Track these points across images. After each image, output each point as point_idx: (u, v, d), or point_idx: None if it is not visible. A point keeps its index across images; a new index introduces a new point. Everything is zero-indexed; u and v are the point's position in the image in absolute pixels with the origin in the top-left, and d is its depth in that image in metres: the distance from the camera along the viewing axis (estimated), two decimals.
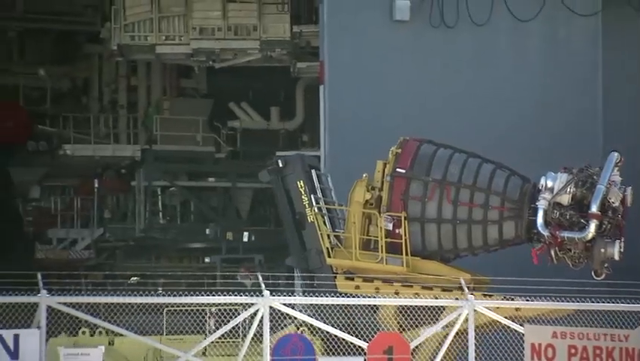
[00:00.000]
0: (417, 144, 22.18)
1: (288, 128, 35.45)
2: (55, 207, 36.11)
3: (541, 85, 28.19)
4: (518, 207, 21.51)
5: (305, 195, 21.94)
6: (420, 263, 21.76)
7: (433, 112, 27.75)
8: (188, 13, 30.15)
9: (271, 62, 31.40)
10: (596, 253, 21.10)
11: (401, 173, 21.65)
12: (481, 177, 21.70)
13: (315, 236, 21.97)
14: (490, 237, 21.71)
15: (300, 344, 20.78)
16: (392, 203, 21.55)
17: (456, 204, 21.56)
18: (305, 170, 22.24)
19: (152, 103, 36.44)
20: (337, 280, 21.72)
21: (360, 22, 27.49)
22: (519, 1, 27.77)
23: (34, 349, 19.19)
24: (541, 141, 27.33)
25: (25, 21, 35.95)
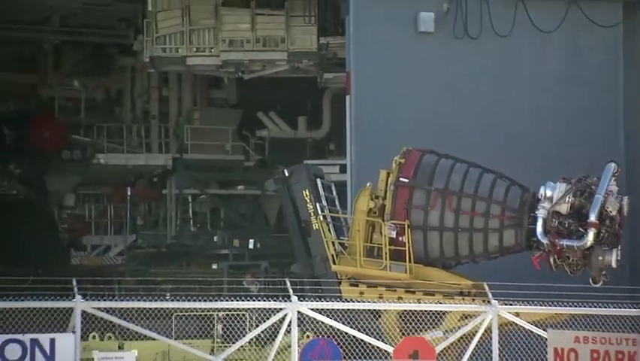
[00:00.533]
0: (419, 154, 22.34)
1: (315, 137, 35.44)
2: (90, 214, 36.22)
3: (562, 94, 28.06)
4: (518, 215, 21.62)
5: (310, 204, 22.00)
6: (422, 270, 21.87)
7: (456, 122, 27.70)
8: (218, 25, 30.20)
9: (298, 72, 31.40)
10: (594, 261, 21.17)
11: (404, 182, 21.75)
12: (482, 186, 21.85)
13: (320, 243, 22.02)
14: (491, 244, 21.81)
15: (328, 348, 20.75)
16: (395, 211, 21.71)
17: (458, 213, 21.69)
18: (310, 179, 22.31)
19: (183, 113, 36.50)
20: (342, 286, 21.77)
21: (385, 33, 27.46)
22: (541, 13, 27.68)
23: (69, 352, 19.28)
24: (563, 150, 27.20)
25: (60, 34, 36.09)
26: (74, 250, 36.17)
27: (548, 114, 27.87)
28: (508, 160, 26.62)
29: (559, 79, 28.11)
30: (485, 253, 21.99)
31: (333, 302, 21.60)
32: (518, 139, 27.60)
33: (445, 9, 27.50)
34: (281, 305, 20.86)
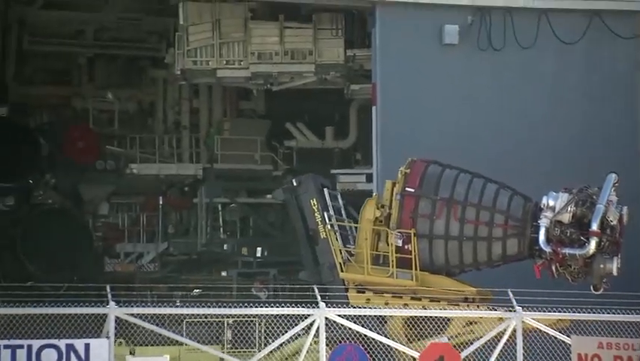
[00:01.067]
0: (424, 164, 22.45)
1: (341, 147, 35.41)
2: (123, 223, 36.34)
3: (584, 104, 27.95)
4: (521, 224, 21.64)
5: (318, 213, 22.05)
6: (428, 277, 21.90)
7: (479, 132, 27.66)
8: (248, 39, 30.24)
9: (326, 84, 31.39)
10: (596, 269, 21.20)
11: (410, 192, 21.78)
12: (485, 196, 21.89)
13: (327, 251, 22.02)
14: (495, 253, 21.82)
15: (355, 353, 20.71)
16: (402, 220, 21.75)
17: (462, 222, 21.72)
18: (317, 189, 22.34)
19: (213, 124, 36.57)
20: (349, 294, 21.72)
21: (410, 46, 27.45)
22: (564, 24, 27.60)
23: (103, 358, 19.33)
24: (583, 159, 27.08)
25: (94, 47, 36.25)
26: (108, 257, 36.29)
27: (569, 125, 27.76)
28: (530, 170, 26.58)
29: (580, 90, 27.99)
30: (489, 261, 22.01)
31: (360, 308, 21.59)
32: (540, 149, 27.52)
33: (469, 21, 27.47)
34: (309, 312, 20.85)
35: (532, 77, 27.83)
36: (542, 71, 27.83)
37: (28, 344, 19.07)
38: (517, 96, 27.88)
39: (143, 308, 20.40)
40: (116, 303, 19.91)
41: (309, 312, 20.83)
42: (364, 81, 30.05)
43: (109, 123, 36.78)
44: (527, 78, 27.82)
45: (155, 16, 35.00)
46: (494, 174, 24.85)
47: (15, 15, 34.79)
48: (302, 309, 20.95)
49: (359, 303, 21.50)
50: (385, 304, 21.42)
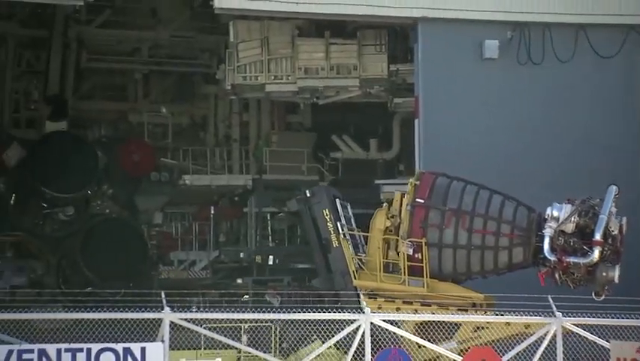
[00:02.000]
0: (433, 176, 22.59)
1: (385, 158, 35.32)
2: (176, 231, 36.47)
3: (622, 117, 27.71)
4: (527, 234, 21.74)
5: (330, 223, 22.06)
6: (437, 285, 21.95)
7: (518, 143, 27.56)
8: (295, 55, 30.29)
9: (370, 97, 31.36)
10: (599, 277, 21.30)
11: (420, 203, 21.82)
12: (492, 206, 21.99)
13: (339, 259, 22.03)
14: (501, 261, 21.90)
15: (399, 357, 20.61)
16: (412, 230, 21.83)
17: (470, 232, 21.83)
18: (330, 200, 22.35)
19: (262, 137, 36.63)
20: (362, 300, 21.76)
21: (452, 60, 27.39)
22: (601, 39, 27.39)
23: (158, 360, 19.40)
24: (621, 170, 26.80)
25: (149, 64, 36.46)
26: (162, 264, 36.43)
27: (606, 137, 27.53)
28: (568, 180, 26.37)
29: (618, 102, 27.74)
30: (495, 269, 22.13)
31: (405, 314, 21.52)
32: (578, 160, 27.29)
33: (508, 36, 27.37)
34: (355, 317, 20.80)
35: (570, 90, 27.65)
36: (580, 84, 27.63)
37: (88, 348, 19.19)
38: (555, 109, 27.71)
39: (197, 313, 20.48)
40: (170, 308, 19.98)
41: (355, 317, 20.80)
42: (407, 95, 29.97)
43: (163, 137, 36.96)
44: (565, 91, 27.65)
45: (207, 34, 35.15)
46: (531, 184, 24.82)
47: (74, 34, 35.10)
48: (348, 314, 20.93)
49: (371, 308, 21.43)
50: (397, 309, 21.43)
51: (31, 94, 36.10)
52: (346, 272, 21.96)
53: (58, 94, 35.18)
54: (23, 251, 33.94)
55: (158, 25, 35.51)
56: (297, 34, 30.35)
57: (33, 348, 18.98)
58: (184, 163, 35.80)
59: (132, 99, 37.50)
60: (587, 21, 27.48)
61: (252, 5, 26.92)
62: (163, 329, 19.72)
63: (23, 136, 34.61)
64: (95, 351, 19.11)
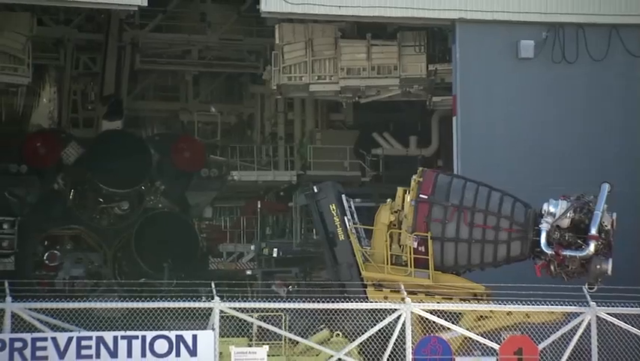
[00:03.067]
0: (434, 173, 22.59)
1: (424, 155, 35.19)
2: (225, 225, 36.67)
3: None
4: (524, 229, 21.75)
5: (336, 217, 22.09)
6: (441, 276, 21.94)
7: (553, 140, 27.31)
8: (337, 56, 30.25)
9: (409, 96, 31.23)
10: (593, 269, 21.32)
11: (424, 198, 21.87)
12: (491, 202, 21.97)
13: (345, 252, 22.07)
14: (500, 254, 21.94)
15: (439, 345, 20.50)
16: (417, 224, 21.81)
17: (472, 226, 21.83)
18: (336, 195, 22.34)
19: (306, 134, 36.64)
20: (368, 291, 21.71)
21: (488, 60, 27.21)
22: (633, 38, 27.09)
23: (209, 348, 19.45)
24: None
25: (199, 66, 36.62)
26: (212, 256, 36.59)
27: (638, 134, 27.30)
28: (601, 175, 26.10)
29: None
30: (494, 262, 22.17)
31: (444, 304, 21.42)
32: (611, 155, 27.01)
33: (543, 36, 27.15)
34: (396, 306, 20.74)
35: (603, 88, 27.35)
36: (613, 82, 27.32)
37: (142, 335, 19.27)
38: (589, 106, 27.43)
39: (245, 303, 20.50)
40: (219, 298, 20.04)
41: (396, 306, 20.73)
42: (445, 93, 29.83)
43: (212, 134, 37.11)
44: (599, 89, 27.36)
45: (254, 37, 35.21)
46: (564, 180, 24.63)
47: (128, 38, 35.32)
48: (389, 304, 20.86)
49: (378, 298, 21.58)
50: (402, 300, 21.46)
51: (88, 95, 36.40)
52: (352, 264, 22.06)
53: (113, 95, 35.41)
54: (82, 244, 34.25)
55: (208, 28, 35.63)
56: (340, 36, 30.30)
57: (91, 335, 19.10)
58: (232, 160, 35.92)
59: (183, 99, 37.69)
60: (620, 21, 27.18)
61: (297, 9, 26.89)
62: (213, 317, 19.77)
63: (81, 135, 34.89)
64: (149, 338, 19.19)
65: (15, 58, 29.08)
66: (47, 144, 33.41)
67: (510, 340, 20.50)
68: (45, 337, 18.89)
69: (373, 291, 21.63)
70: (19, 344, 18.65)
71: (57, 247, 33.61)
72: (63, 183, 33.68)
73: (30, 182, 33.02)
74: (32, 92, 34.98)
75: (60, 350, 18.80)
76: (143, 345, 19.15)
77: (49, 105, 35.71)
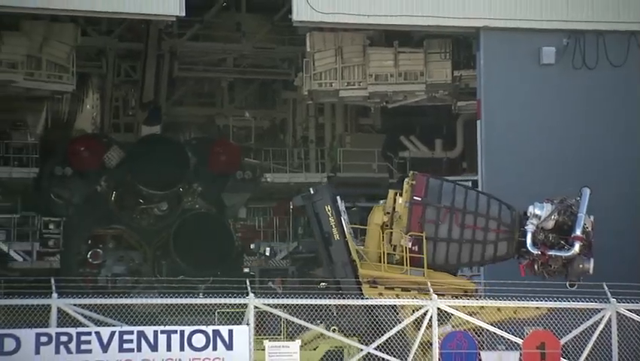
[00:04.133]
0: (425, 177, 22.72)
1: (450, 157, 35.09)
2: (259, 224, 36.64)
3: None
4: (511, 230, 21.93)
5: (332, 218, 22.12)
6: (434, 274, 22.03)
7: (573, 142, 27.14)
8: (366, 62, 30.24)
9: (435, 101, 31.17)
10: (576, 268, 21.53)
11: (418, 200, 21.94)
12: (480, 205, 22.17)
13: (340, 251, 22.08)
14: (487, 254, 22.13)
15: (464, 340, 20.41)
16: (411, 225, 21.92)
17: (463, 227, 21.99)
18: (331, 197, 22.40)
19: (336, 138, 36.62)
20: (363, 288, 21.77)
21: (511, 66, 27.11)
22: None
23: (244, 342, 19.49)
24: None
25: (234, 73, 36.71)
26: (246, 255, 36.62)
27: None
28: (618, 178, 25.95)
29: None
30: (481, 261, 22.44)
31: (469, 300, 21.35)
32: (632, 161, 26.85)
33: (564, 43, 27.03)
34: (423, 302, 20.67)
35: (622, 92, 27.17)
36: (632, 86, 27.13)
37: (181, 330, 19.33)
38: (608, 110, 27.25)
39: (278, 299, 20.51)
40: (254, 295, 20.07)
41: (422, 303, 20.66)
42: (470, 98, 29.74)
43: (246, 138, 37.16)
44: (618, 94, 27.18)
45: (286, 45, 35.26)
46: (583, 181, 24.47)
47: (167, 46, 35.47)
48: (417, 300, 20.81)
49: (372, 296, 21.64)
50: (396, 296, 21.47)
51: (128, 101, 36.59)
52: (346, 263, 22.16)
53: (152, 101, 35.58)
54: (123, 243, 34.41)
55: (243, 37, 35.71)
56: (368, 43, 30.29)
57: (133, 330, 19.18)
58: (265, 162, 35.94)
59: (219, 105, 37.78)
60: (638, 28, 26.99)
61: (327, 18, 26.91)
62: (248, 313, 19.81)
63: (122, 139, 35.07)
64: (187, 333, 19.24)
65: (60, 67, 29.34)
66: (90, 148, 33.60)
67: (533, 335, 20.38)
68: (89, 331, 19.00)
69: (368, 288, 21.77)
70: (64, 338, 18.77)
71: (100, 245, 33.78)
72: (105, 185, 33.85)
73: (74, 184, 33.22)
74: (76, 98, 35.19)
75: (103, 343, 18.91)
76: (181, 339, 19.20)
77: (92, 111, 35.93)
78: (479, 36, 27.32)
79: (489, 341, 21.22)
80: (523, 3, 27.00)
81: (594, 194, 22.00)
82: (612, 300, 20.58)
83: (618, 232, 25.43)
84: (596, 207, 21.75)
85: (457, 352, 20.15)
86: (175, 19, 26.99)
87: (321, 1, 26.53)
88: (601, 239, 22.00)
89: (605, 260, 22.05)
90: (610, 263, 22.74)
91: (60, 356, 18.68)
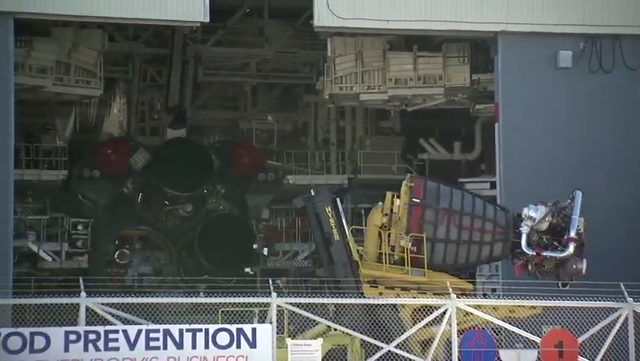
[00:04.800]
0: (423, 180, 23.06)
1: (468, 159, 34.95)
2: (281, 225, 36.64)
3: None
4: (506, 231, 22.13)
5: (332, 218, 22.17)
6: (433, 274, 22.15)
7: (591, 145, 27.02)
8: (386, 67, 30.19)
9: (454, 104, 31.07)
10: (569, 269, 21.68)
11: (417, 202, 21.95)
12: (477, 207, 22.35)
13: (340, 251, 22.10)
14: (483, 254, 22.30)
15: (483, 339, 20.36)
16: (410, 226, 22.01)
17: (460, 228, 22.13)
18: (331, 198, 22.43)
19: (357, 140, 36.58)
20: (364, 287, 21.86)
21: (529, 70, 27.00)
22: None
23: (267, 340, 19.51)
24: None
25: (257, 77, 36.70)
26: (268, 254, 36.60)
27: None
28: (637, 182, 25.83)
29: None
30: (477, 261, 22.68)
31: (487, 299, 21.30)
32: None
33: (581, 47, 26.90)
34: (442, 302, 20.63)
35: (638, 94, 27.00)
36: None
37: (206, 328, 19.39)
38: (625, 112, 27.10)
39: (300, 298, 20.52)
40: (276, 294, 20.07)
41: (442, 302, 20.63)
42: (488, 101, 29.63)
43: (269, 141, 37.17)
44: (635, 96, 27.02)
45: (308, 50, 35.25)
46: (600, 183, 24.39)
47: (192, 52, 35.54)
48: (435, 299, 20.78)
49: (373, 295, 21.70)
50: (396, 295, 21.49)
51: (154, 105, 36.69)
52: (346, 263, 22.18)
53: (177, 105, 35.68)
54: (149, 243, 34.53)
55: (265, 43, 35.73)
56: (388, 48, 30.24)
57: (159, 328, 19.26)
58: (288, 164, 35.94)
59: (242, 108, 37.78)
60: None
61: (348, 23, 26.92)
62: (271, 311, 19.81)
63: (148, 143, 35.18)
64: (212, 331, 19.31)
65: (88, 72, 29.46)
66: (117, 151, 33.73)
67: (551, 333, 20.31)
68: (116, 329, 19.08)
69: (369, 288, 21.78)
70: (92, 336, 18.86)
71: (127, 246, 33.90)
72: (132, 187, 33.97)
73: (102, 186, 33.35)
74: (104, 103, 35.34)
75: (130, 341, 18.98)
76: (206, 337, 19.26)
77: (119, 115, 36.07)
78: (497, 40, 27.22)
79: (507, 339, 21.15)
80: (540, 8, 26.89)
81: (614, 195, 21.94)
82: (629, 299, 20.46)
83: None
84: (617, 208, 21.59)
85: (476, 350, 20.09)
86: (199, 25, 27.07)
87: (341, 7, 26.52)
88: (612, 240, 21.92)
89: (611, 261, 22.04)
90: (613, 264, 22.70)
91: (88, 353, 18.76)
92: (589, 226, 21.80)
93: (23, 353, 18.42)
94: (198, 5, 25.80)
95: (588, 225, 21.82)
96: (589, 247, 21.73)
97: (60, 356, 18.59)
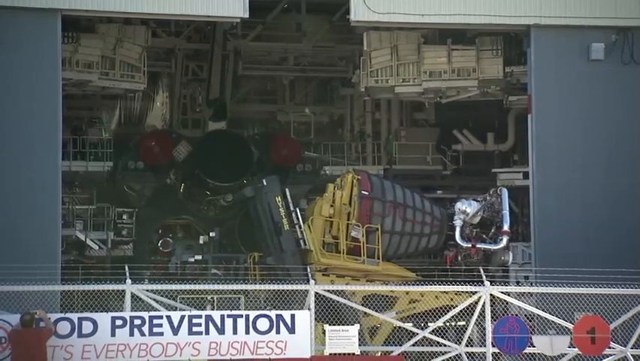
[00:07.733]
0: (366, 174, 23.84)
1: (501, 150, 34.71)
2: None
3: None
4: (442, 224, 23.09)
5: (282, 208, 22.15)
6: (382, 264, 22.78)
7: (622, 138, 26.76)
8: (420, 60, 30.07)
9: (487, 96, 30.89)
10: (497, 259, 22.67)
11: (366, 195, 22.12)
12: (417, 200, 23.18)
13: (289, 241, 22.11)
14: (421, 245, 23.18)
15: (516, 324, 20.26)
16: (360, 217, 22.47)
17: (404, 220, 22.91)
18: (281, 189, 22.42)
19: (392, 132, 36.48)
20: (316, 276, 21.83)
21: (561, 62, 26.79)
22: None
23: (305, 326, 19.56)
24: None
25: (294, 71, 36.74)
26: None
27: None
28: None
29: None
30: (415, 252, 23.32)
31: (520, 286, 21.21)
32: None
33: (613, 39, 26.61)
34: (476, 289, 20.55)
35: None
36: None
37: (246, 314, 19.49)
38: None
39: (338, 286, 20.55)
40: (314, 281, 20.11)
41: (476, 289, 20.55)
42: (521, 93, 29.42)
43: (306, 133, 37.20)
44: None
45: (344, 44, 35.19)
46: (632, 178, 24.13)
47: (232, 46, 35.65)
48: (470, 287, 20.70)
49: (325, 282, 21.93)
50: (347, 284, 21.82)
51: (196, 99, 36.87)
52: (295, 252, 22.23)
53: (218, 98, 35.81)
54: (191, 232, 34.73)
55: (303, 37, 35.74)
56: (423, 42, 30.10)
57: (201, 314, 19.39)
58: (324, 156, 35.95)
59: (281, 101, 37.86)
60: None
61: (383, 18, 26.86)
62: (309, 298, 19.87)
63: (190, 135, 35.36)
64: (252, 317, 19.39)
65: (132, 66, 29.66)
66: (161, 143, 33.92)
67: (583, 320, 20.15)
68: (160, 315, 19.23)
69: (321, 276, 21.91)
70: (138, 321, 19.03)
71: (170, 235, 34.13)
72: (174, 177, 34.16)
73: (146, 177, 33.57)
74: (147, 96, 35.58)
75: (174, 327, 19.12)
76: (247, 323, 19.35)
77: (162, 108, 36.29)
78: (530, 33, 27.01)
79: (540, 325, 21.02)
80: (572, 1, 26.63)
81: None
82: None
83: None
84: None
85: (510, 336, 19.99)
86: (239, 20, 27.17)
87: (377, 2, 26.47)
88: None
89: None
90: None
91: (134, 338, 18.93)
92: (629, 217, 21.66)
93: (72, 337, 18.63)
94: (238, 2, 25.89)
95: (619, 215, 21.75)
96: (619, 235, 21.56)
97: (107, 340, 18.77)
